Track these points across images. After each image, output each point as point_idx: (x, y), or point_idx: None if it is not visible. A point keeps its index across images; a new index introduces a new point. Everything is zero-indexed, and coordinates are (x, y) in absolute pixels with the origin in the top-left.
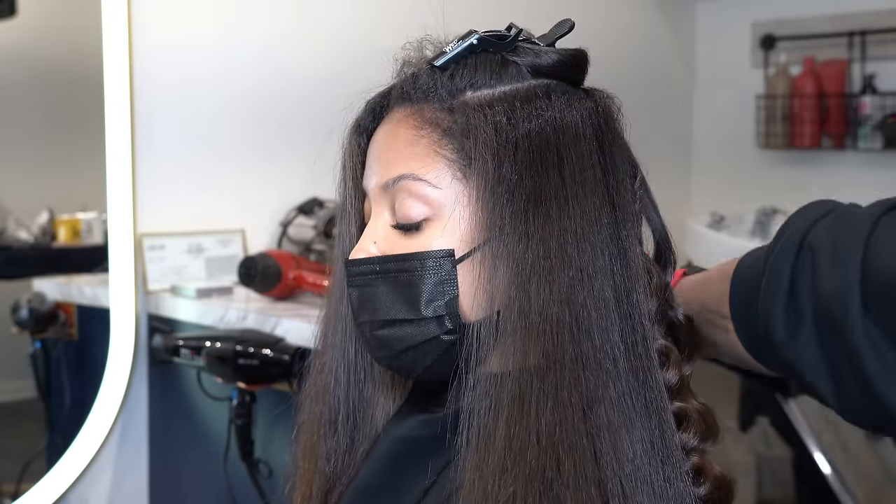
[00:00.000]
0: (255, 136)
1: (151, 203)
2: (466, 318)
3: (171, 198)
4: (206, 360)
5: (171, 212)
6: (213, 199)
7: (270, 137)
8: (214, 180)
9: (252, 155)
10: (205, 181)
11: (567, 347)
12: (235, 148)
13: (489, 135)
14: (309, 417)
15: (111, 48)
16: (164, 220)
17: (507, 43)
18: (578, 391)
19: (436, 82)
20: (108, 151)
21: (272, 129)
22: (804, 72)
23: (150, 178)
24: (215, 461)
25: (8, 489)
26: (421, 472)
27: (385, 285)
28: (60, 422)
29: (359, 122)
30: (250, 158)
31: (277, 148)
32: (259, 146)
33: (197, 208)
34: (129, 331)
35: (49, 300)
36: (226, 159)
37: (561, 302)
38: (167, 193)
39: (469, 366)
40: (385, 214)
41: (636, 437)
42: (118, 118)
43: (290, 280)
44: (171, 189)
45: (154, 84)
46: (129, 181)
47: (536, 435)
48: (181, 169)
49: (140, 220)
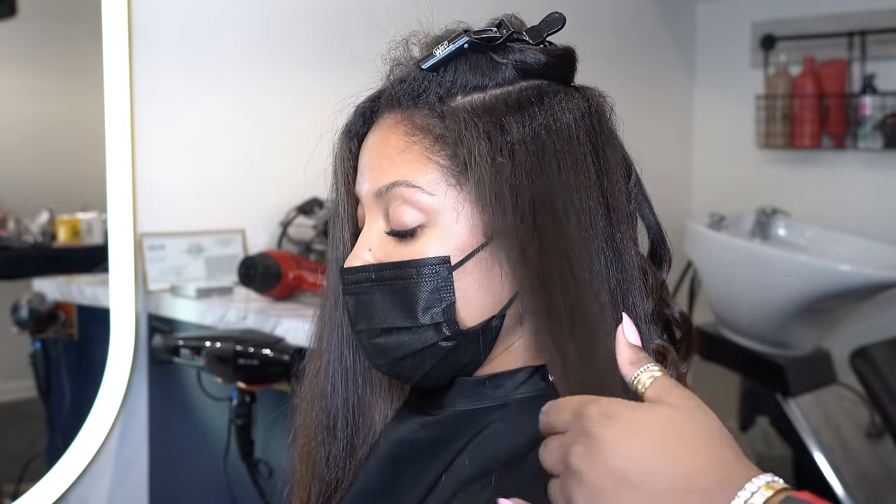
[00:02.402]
0: (255, 135)
1: (151, 203)
2: (464, 324)
3: (171, 198)
4: (206, 360)
5: (171, 212)
6: (213, 199)
7: (270, 137)
8: (214, 180)
9: (252, 155)
10: (205, 181)
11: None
12: (235, 148)
13: (483, 142)
14: (305, 421)
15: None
16: (164, 220)
17: (498, 45)
18: None
19: (425, 86)
20: (109, 151)
21: (272, 129)
22: (804, 72)
23: (150, 178)
24: (215, 461)
25: (8, 489)
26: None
27: (381, 293)
28: (60, 422)
29: (349, 127)
30: (250, 158)
31: (277, 148)
32: (259, 146)
33: (197, 208)
34: (129, 331)
35: (49, 300)
36: (225, 159)
37: None
38: (167, 193)
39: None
40: (379, 221)
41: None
42: (118, 118)
43: (290, 280)
44: (171, 189)
45: (154, 84)
46: (129, 181)
47: None
48: (181, 169)
49: (140, 220)
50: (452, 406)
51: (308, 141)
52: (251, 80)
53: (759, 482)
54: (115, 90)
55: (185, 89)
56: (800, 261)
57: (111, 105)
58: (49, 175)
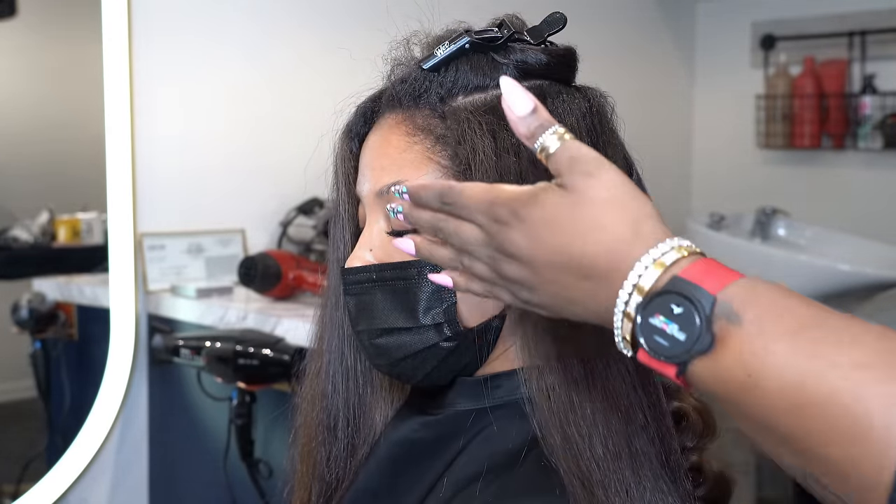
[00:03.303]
0: (255, 135)
1: (151, 203)
2: (465, 325)
3: (171, 198)
4: (206, 360)
5: (171, 212)
6: (213, 199)
7: (271, 138)
8: (214, 180)
9: (252, 155)
10: (205, 181)
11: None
12: (235, 148)
13: (488, 141)
14: (306, 421)
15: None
16: (164, 220)
17: (499, 45)
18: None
19: (426, 86)
20: (109, 151)
21: (272, 129)
22: (804, 72)
23: (150, 178)
24: (215, 461)
25: (8, 489)
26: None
27: (382, 293)
28: (60, 422)
29: (350, 127)
30: (250, 158)
31: (278, 148)
32: (259, 146)
33: (197, 208)
34: (129, 331)
35: (49, 300)
36: (226, 159)
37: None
38: (167, 193)
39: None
40: (380, 221)
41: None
42: (119, 118)
43: (290, 280)
44: (171, 189)
45: (154, 85)
46: (129, 181)
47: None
48: (181, 169)
49: (140, 220)
50: (453, 406)
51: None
52: (251, 80)
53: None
54: (115, 90)
55: (185, 89)
56: (800, 261)
57: (111, 105)
58: (49, 175)
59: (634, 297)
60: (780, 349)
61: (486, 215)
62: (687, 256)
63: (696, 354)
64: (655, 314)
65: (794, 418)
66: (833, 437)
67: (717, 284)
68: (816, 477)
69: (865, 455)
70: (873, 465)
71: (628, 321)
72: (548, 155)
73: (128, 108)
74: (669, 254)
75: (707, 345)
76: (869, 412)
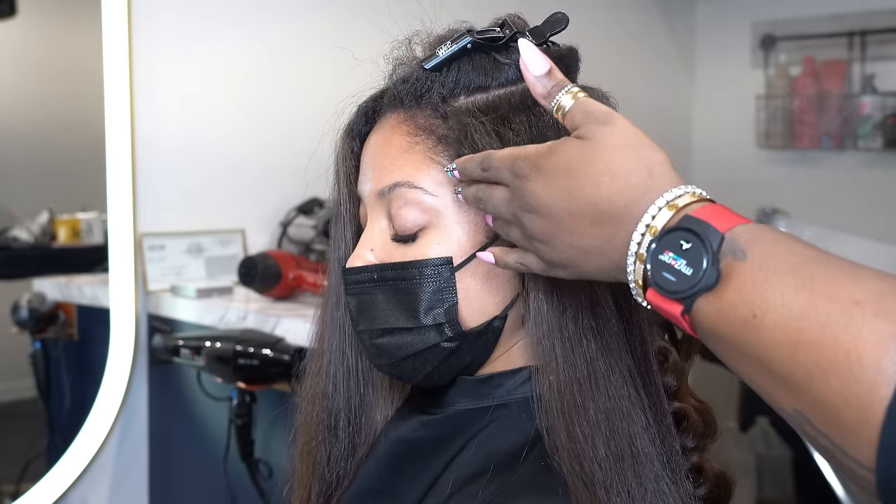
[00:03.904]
0: (255, 135)
1: (151, 203)
2: (466, 325)
3: (171, 198)
4: (206, 360)
5: (171, 212)
6: (213, 199)
7: (271, 138)
8: (214, 180)
9: (252, 155)
10: (205, 181)
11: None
12: (235, 148)
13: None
14: (306, 420)
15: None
16: (164, 220)
17: (501, 45)
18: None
19: (428, 86)
20: (109, 151)
21: (273, 130)
22: (804, 72)
23: (150, 178)
24: (215, 461)
25: (8, 489)
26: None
27: (384, 294)
28: (60, 422)
29: (351, 127)
30: (250, 158)
31: (278, 148)
32: (259, 146)
33: (197, 208)
34: (129, 331)
35: (49, 300)
36: (226, 159)
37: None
38: (167, 193)
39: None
40: (381, 221)
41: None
42: (119, 118)
43: (290, 280)
44: (171, 189)
45: (154, 85)
46: (129, 181)
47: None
48: (181, 169)
49: (140, 220)
50: (453, 405)
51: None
52: (251, 80)
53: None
54: (115, 90)
55: (185, 90)
56: None
57: (111, 105)
58: (49, 175)
59: (647, 238)
60: (782, 282)
61: (510, 171)
62: (698, 200)
63: (701, 290)
64: (665, 250)
65: (792, 353)
66: (826, 373)
67: (726, 224)
68: (810, 419)
69: (856, 392)
70: (862, 403)
71: (640, 263)
72: (563, 113)
73: (128, 108)
74: (683, 197)
75: (713, 280)
76: (861, 349)
